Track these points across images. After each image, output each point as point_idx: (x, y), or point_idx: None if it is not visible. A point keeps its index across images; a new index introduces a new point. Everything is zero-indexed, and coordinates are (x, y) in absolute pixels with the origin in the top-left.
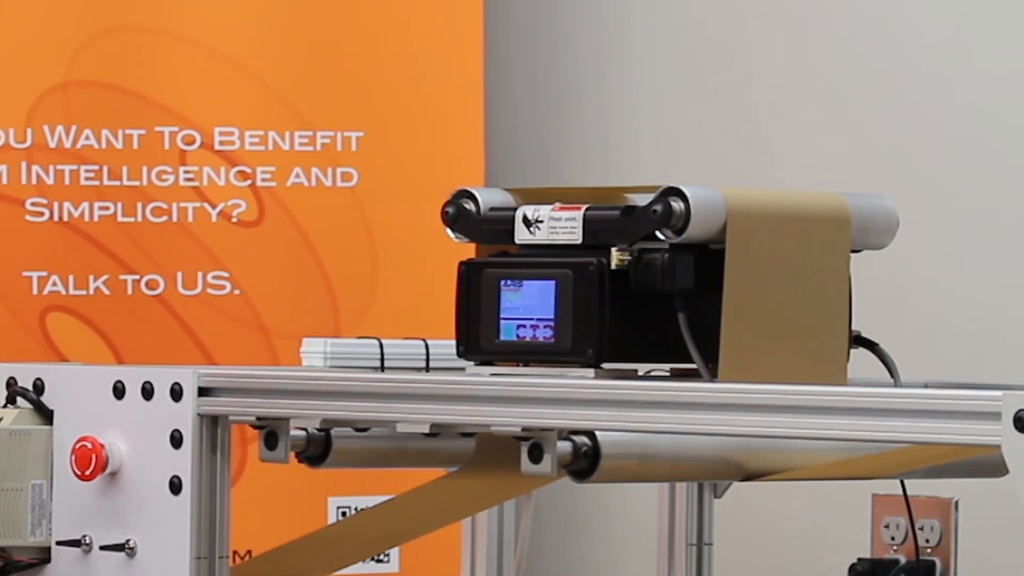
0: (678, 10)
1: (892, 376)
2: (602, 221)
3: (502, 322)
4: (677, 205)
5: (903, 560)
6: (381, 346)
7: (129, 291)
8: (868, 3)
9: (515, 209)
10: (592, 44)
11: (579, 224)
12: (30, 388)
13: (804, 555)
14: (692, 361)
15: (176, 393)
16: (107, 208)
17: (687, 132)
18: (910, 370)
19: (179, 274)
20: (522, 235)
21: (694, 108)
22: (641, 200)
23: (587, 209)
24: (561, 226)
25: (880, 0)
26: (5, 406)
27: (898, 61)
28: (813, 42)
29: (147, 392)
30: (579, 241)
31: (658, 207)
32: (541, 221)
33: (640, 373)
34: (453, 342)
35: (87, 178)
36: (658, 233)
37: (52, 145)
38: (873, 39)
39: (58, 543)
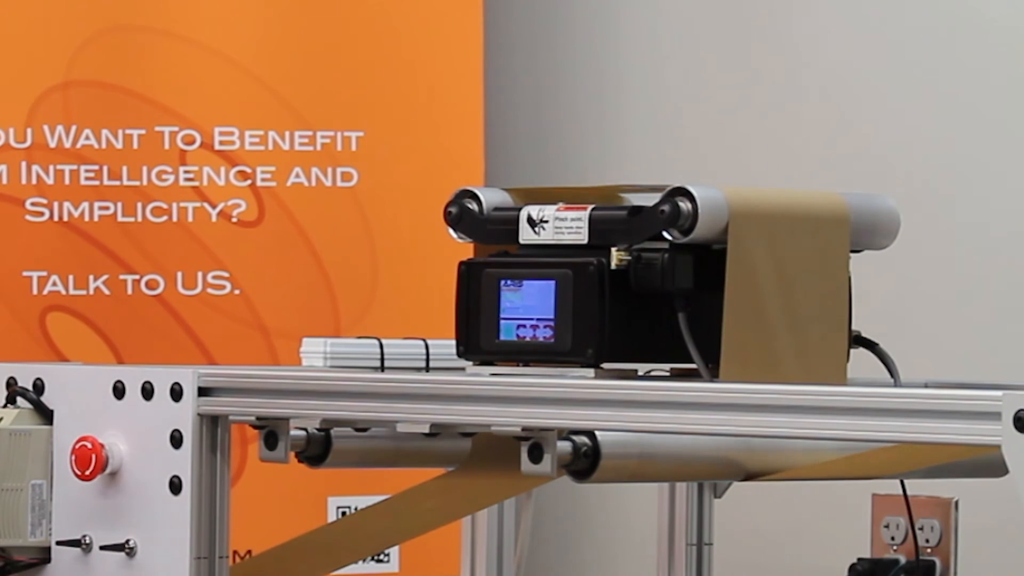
0: (677, 10)
1: (892, 376)
2: (608, 221)
3: (502, 322)
4: (685, 205)
5: (903, 560)
6: (381, 346)
7: (129, 291)
8: (868, 3)
9: (519, 209)
10: (592, 44)
11: (585, 224)
12: (30, 388)
13: (804, 555)
14: (692, 361)
15: (176, 393)
16: (107, 208)
17: (686, 132)
18: (910, 370)
19: (179, 274)
20: (527, 235)
21: (694, 108)
22: (640, 200)
23: (593, 209)
24: (567, 226)
25: (880, 0)
26: (5, 406)
27: (898, 61)
28: (813, 42)
29: (147, 392)
30: (585, 241)
31: (666, 207)
32: (546, 221)
33: (640, 373)
34: (453, 342)
35: (87, 178)
36: (665, 233)
37: (52, 145)
38: (873, 39)
39: (58, 543)
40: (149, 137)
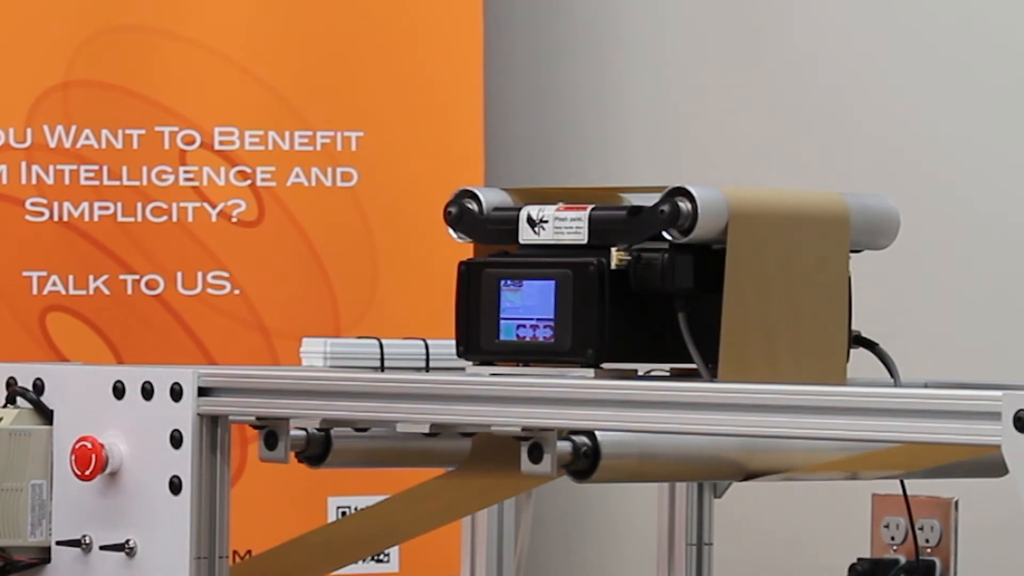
0: (678, 10)
1: (892, 376)
2: (608, 221)
3: (502, 322)
4: (684, 205)
5: (903, 560)
6: (381, 346)
7: (129, 291)
8: (868, 3)
9: (518, 209)
10: (592, 44)
11: (584, 224)
12: (30, 388)
13: (804, 555)
14: (692, 361)
15: (176, 393)
16: (107, 208)
17: (687, 132)
18: (910, 370)
19: (179, 274)
20: (526, 235)
21: (694, 108)
22: (640, 200)
23: (593, 209)
24: (566, 226)
25: (880, 0)
26: (5, 406)
27: (898, 61)
28: (813, 42)
29: (147, 392)
30: (585, 241)
31: (665, 207)
32: (546, 221)
33: (640, 373)
34: (453, 342)
35: (87, 178)
36: (664, 233)
37: (52, 145)
38: (873, 38)
39: (58, 543)
40: (149, 137)
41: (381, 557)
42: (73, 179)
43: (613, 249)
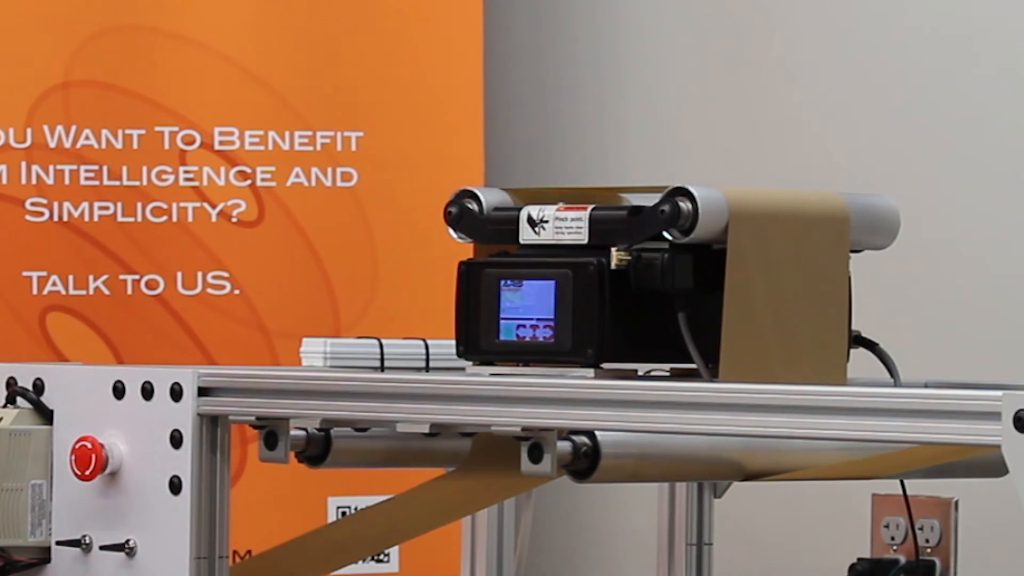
0: (677, 10)
1: (892, 376)
2: (608, 221)
3: (502, 322)
4: (685, 205)
5: (903, 560)
6: (381, 346)
7: (129, 291)
8: (869, 3)
9: (519, 209)
10: (592, 45)
11: (585, 224)
12: (30, 388)
13: (804, 555)
14: (692, 361)
15: (176, 393)
16: (107, 208)
17: (686, 132)
18: (910, 370)
19: (179, 274)
20: (527, 235)
21: (693, 108)
22: (640, 200)
23: (593, 209)
24: (567, 226)
25: (879, 0)
26: (5, 406)
27: (899, 61)
28: (813, 42)
29: (147, 392)
30: (585, 241)
31: (666, 207)
32: (546, 221)
33: (640, 373)
34: (453, 342)
35: (87, 178)
36: (665, 233)
37: (52, 145)
38: (874, 39)
39: (58, 543)
40: (149, 137)
41: (381, 557)
42: (73, 179)
43: (613, 249)
